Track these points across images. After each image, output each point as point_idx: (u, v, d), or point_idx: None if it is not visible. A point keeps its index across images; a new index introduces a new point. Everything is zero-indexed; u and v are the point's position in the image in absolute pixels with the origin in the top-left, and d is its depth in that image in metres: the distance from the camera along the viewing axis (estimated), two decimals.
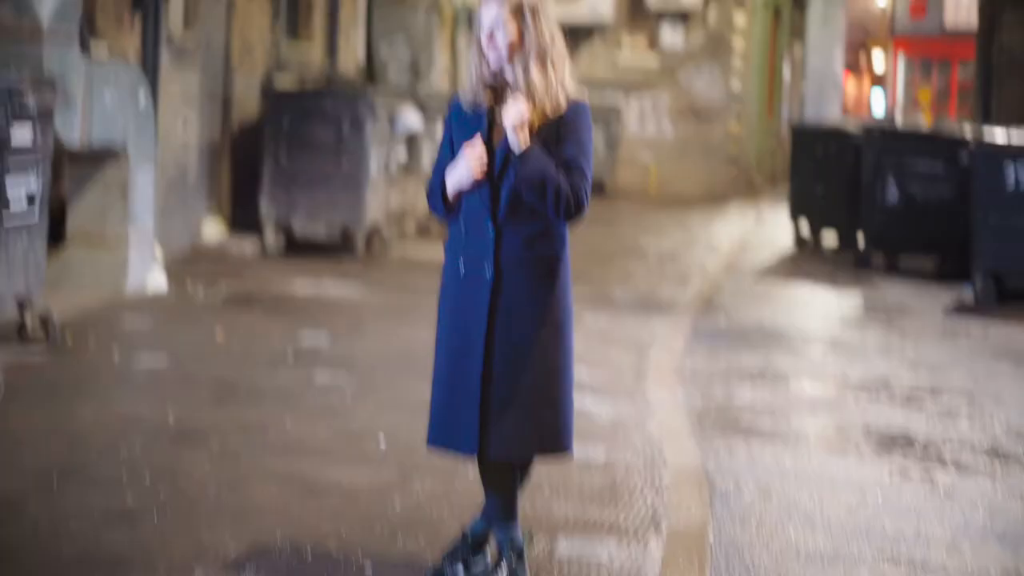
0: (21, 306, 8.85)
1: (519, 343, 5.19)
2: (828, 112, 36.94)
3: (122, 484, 6.35)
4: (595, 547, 5.95)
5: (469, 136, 5.22)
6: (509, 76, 5.19)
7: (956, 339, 12.26)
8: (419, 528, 6.01)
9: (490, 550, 5.44)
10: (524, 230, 5.19)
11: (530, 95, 5.14)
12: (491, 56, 5.17)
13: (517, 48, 5.15)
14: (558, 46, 5.22)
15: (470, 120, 5.25)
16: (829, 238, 18.65)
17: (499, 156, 5.17)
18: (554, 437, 5.28)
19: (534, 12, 5.17)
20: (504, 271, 5.19)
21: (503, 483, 5.33)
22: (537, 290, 5.22)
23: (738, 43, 26.61)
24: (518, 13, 5.15)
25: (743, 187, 27.07)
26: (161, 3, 12.80)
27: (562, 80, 5.19)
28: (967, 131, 16.97)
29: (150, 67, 12.60)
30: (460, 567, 5.35)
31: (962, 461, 8.04)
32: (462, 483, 6.63)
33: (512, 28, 5.14)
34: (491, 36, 5.16)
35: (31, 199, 8.61)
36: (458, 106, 5.31)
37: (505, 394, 5.18)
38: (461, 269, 5.25)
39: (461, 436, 5.24)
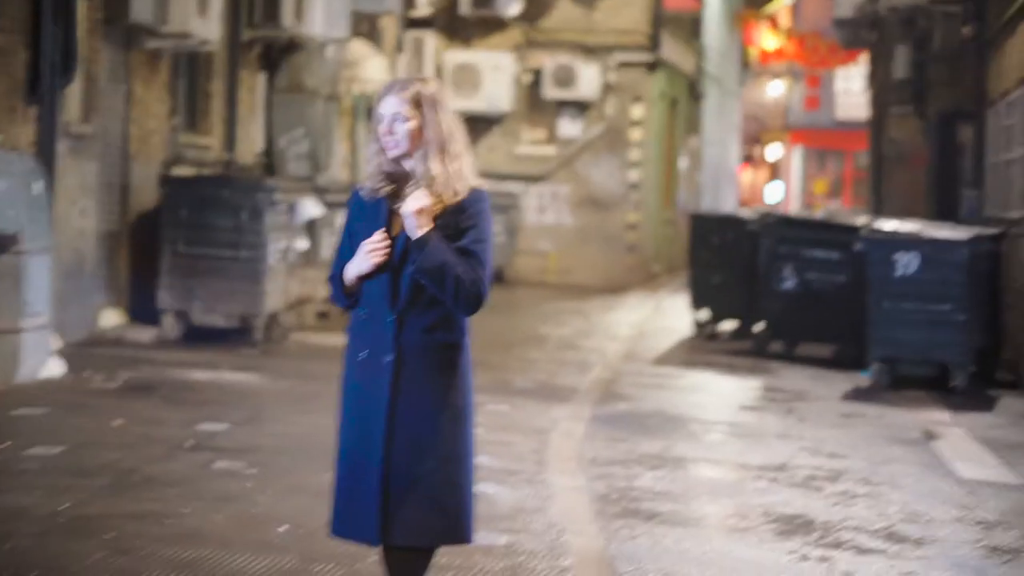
0: None
1: (419, 430, 5.17)
2: (725, 203, 37.48)
3: None
4: None
5: (369, 225, 5.23)
6: (408, 166, 5.20)
7: (853, 424, 12.38)
8: None
9: None
10: (424, 318, 5.19)
11: (430, 185, 5.16)
12: (390, 147, 5.19)
13: (416, 139, 5.17)
14: (457, 136, 5.24)
15: (370, 210, 5.26)
16: (729, 326, 18.80)
17: (399, 245, 5.18)
18: (455, 524, 5.25)
19: (433, 104, 5.19)
20: (405, 358, 5.18)
21: (407, 570, 5.28)
22: (437, 377, 5.20)
23: (635, 134, 26.91)
24: (417, 105, 5.17)
25: (642, 276, 27.27)
26: (58, 95, 12.74)
27: (461, 169, 5.21)
28: (860, 219, 17.24)
29: (46, 156, 12.53)
30: None
31: (859, 543, 8.10)
32: (364, 569, 6.57)
33: (412, 120, 5.16)
34: (390, 128, 5.17)
35: None
36: (358, 196, 5.32)
37: (405, 481, 5.15)
38: (362, 355, 5.24)
39: (362, 524, 5.20)
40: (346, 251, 5.30)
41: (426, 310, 5.18)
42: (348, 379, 5.30)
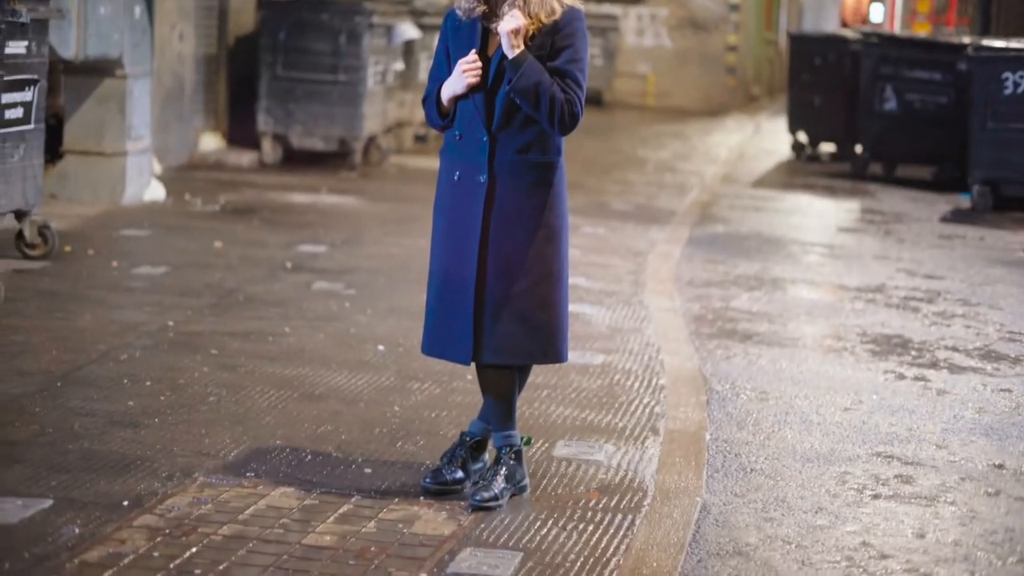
0: (19, 216, 8.87)
1: (513, 249, 5.21)
2: (826, 23, 36.77)
3: (123, 388, 6.41)
4: (593, 448, 6.01)
5: (464, 46, 5.22)
6: None
7: (952, 246, 12.29)
8: (417, 431, 6.07)
9: (489, 453, 5.49)
10: (518, 138, 5.20)
11: (525, 4, 5.13)
12: None
13: None
14: None
15: (465, 30, 5.25)
16: (828, 148, 18.62)
17: (494, 65, 5.18)
18: (548, 344, 5.31)
19: None
20: (499, 177, 5.21)
21: (500, 387, 5.37)
22: (531, 197, 5.23)
23: None
24: None
25: (741, 98, 27.00)
26: None
27: None
28: (966, 39, 16.90)
29: None
30: (458, 469, 5.40)
31: (955, 362, 8.10)
32: (460, 387, 6.68)
33: None
34: None
35: (27, 109, 8.59)
36: (453, 16, 5.31)
37: (500, 299, 5.21)
38: (456, 175, 5.27)
39: (455, 343, 5.28)
40: (441, 72, 5.31)
41: (520, 130, 5.20)
42: (441, 200, 5.34)
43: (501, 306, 5.22)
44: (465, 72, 5.16)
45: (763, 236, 12.35)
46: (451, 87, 5.21)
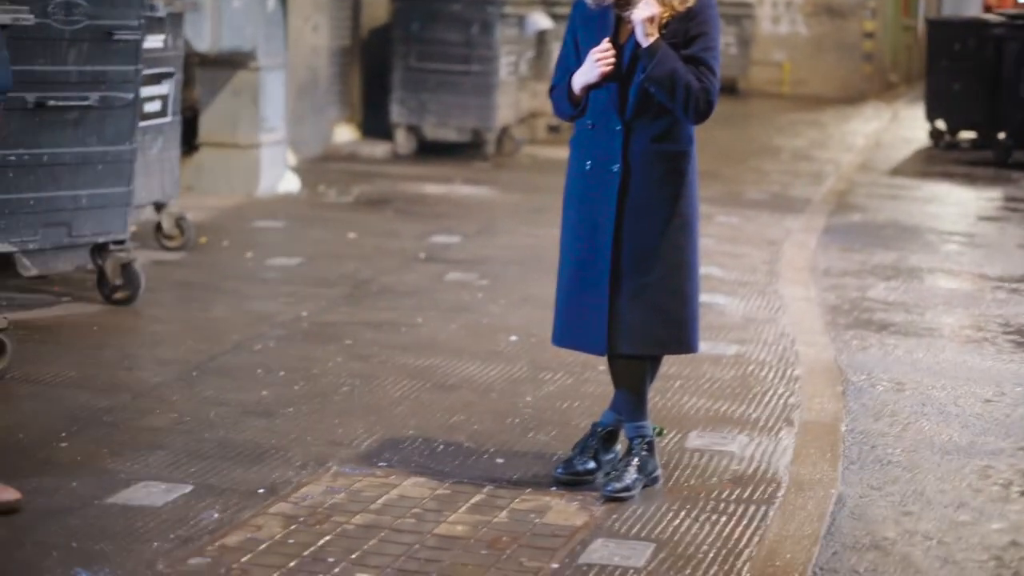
0: (158, 207, 8.99)
1: (646, 238, 5.17)
2: (968, 8, 36.08)
3: (257, 378, 6.46)
4: (726, 439, 5.94)
5: (595, 34, 5.18)
6: None
7: None
8: (550, 422, 6.04)
9: (620, 443, 5.45)
10: (651, 127, 5.16)
11: None
12: None
13: None
14: None
15: (595, 18, 5.21)
16: (967, 136, 18.28)
17: (627, 53, 5.13)
18: (681, 334, 5.27)
19: None
20: (632, 167, 5.17)
21: (633, 377, 5.33)
22: (665, 186, 5.18)
23: None
24: None
25: (879, 86, 26.61)
26: None
27: None
28: None
29: None
30: (590, 459, 5.37)
31: None
32: (592, 378, 6.64)
33: None
34: None
35: (164, 103, 8.71)
36: (583, 5, 5.27)
37: (633, 290, 5.17)
38: (588, 165, 5.23)
39: (588, 333, 5.24)
40: (569, 61, 5.28)
41: (654, 119, 5.15)
42: (572, 190, 5.31)
43: (635, 296, 5.18)
44: (599, 61, 5.11)
45: (900, 225, 12.15)
46: (584, 76, 5.17)
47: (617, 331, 5.20)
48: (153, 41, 8.28)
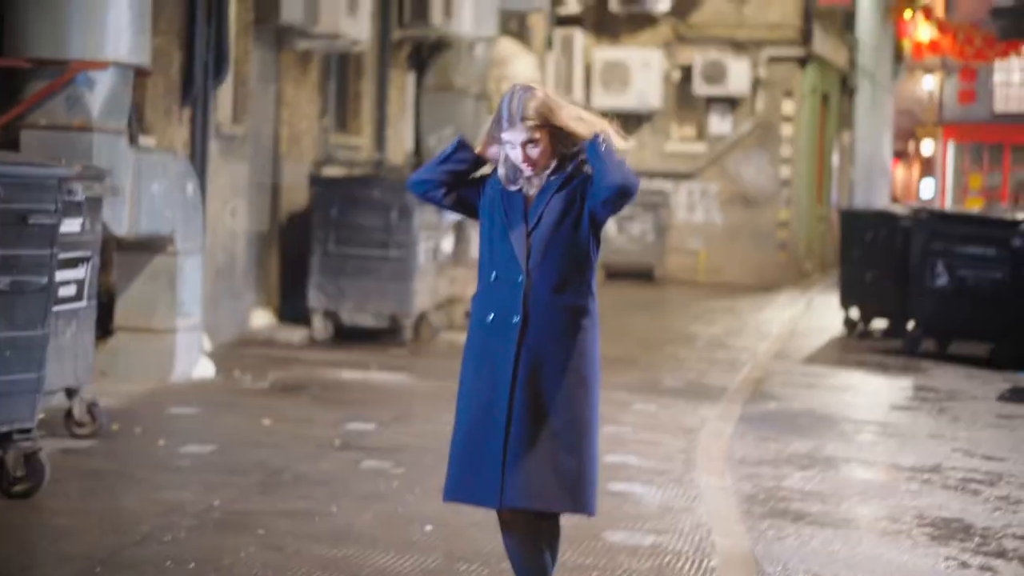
0: (69, 393, 8.87)
1: (544, 391, 5.18)
2: (877, 199, 36.91)
3: (166, 570, 6.31)
4: None
5: (510, 211, 5.26)
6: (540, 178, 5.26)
7: (1012, 426, 12.10)
8: None
9: None
10: (553, 278, 5.21)
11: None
12: (525, 169, 5.24)
13: (551, 151, 5.24)
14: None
15: (508, 198, 5.29)
16: (880, 324, 18.51)
17: (532, 209, 5.21)
18: (576, 492, 5.20)
19: (553, 112, 5.21)
20: (531, 319, 5.20)
21: (531, 553, 5.27)
22: (564, 338, 5.22)
23: (787, 130, 26.63)
24: (543, 121, 5.20)
25: (793, 274, 26.99)
26: (211, 96, 12.93)
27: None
28: (1020, 216, 16.85)
29: (199, 158, 12.73)
30: None
31: None
32: (508, 569, 6.54)
33: (541, 138, 5.21)
34: (526, 156, 5.21)
35: (80, 288, 8.64)
36: (496, 183, 5.35)
37: (527, 442, 5.14)
38: (489, 317, 5.25)
39: (483, 486, 5.18)
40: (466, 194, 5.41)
41: (555, 271, 5.21)
42: (472, 343, 5.34)
43: (529, 448, 5.14)
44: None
45: (816, 413, 12.22)
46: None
47: (511, 484, 5.14)
48: (70, 225, 8.24)
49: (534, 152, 5.22)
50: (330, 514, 7.51)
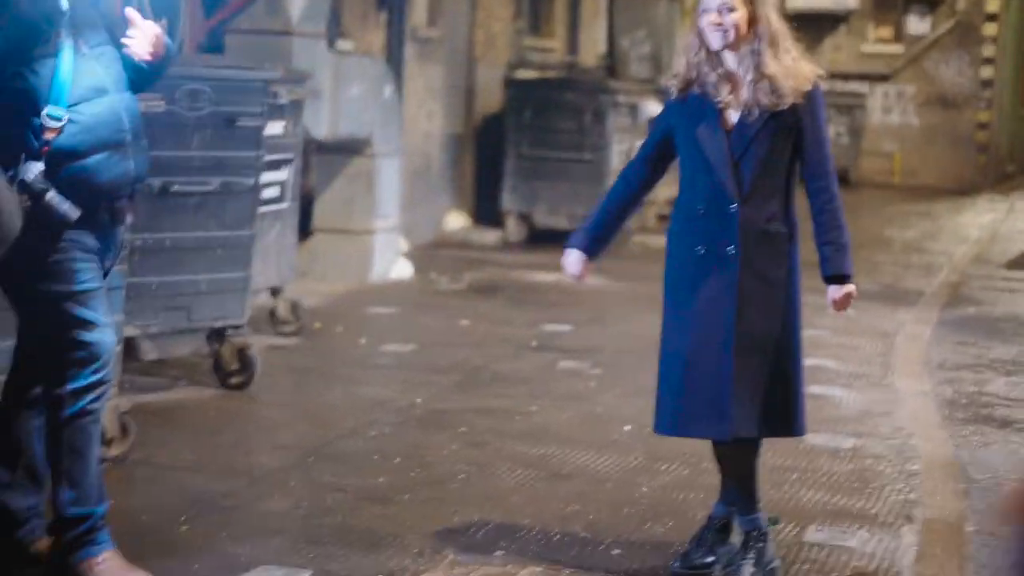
0: (273, 292, 9.07)
1: (757, 322, 5.14)
2: None
3: (374, 464, 6.48)
4: (845, 534, 5.85)
5: (697, 123, 5.16)
6: (731, 64, 5.12)
7: None
8: (666, 513, 5.99)
9: (736, 534, 5.38)
10: (763, 209, 5.15)
11: (767, 81, 5.07)
12: (717, 39, 5.10)
13: (745, 31, 5.09)
14: (785, 31, 5.15)
15: (696, 103, 5.18)
16: None
17: (737, 138, 5.11)
18: (790, 416, 5.22)
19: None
20: (743, 250, 5.14)
21: (743, 466, 5.28)
22: (775, 268, 5.17)
23: (989, 29, 25.89)
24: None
25: (994, 177, 26.35)
26: (406, 0, 13.00)
27: (797, 64, 5.12)
28: None
29: (395, 61, 12.83)
30: (708, 552, 5.31)
31: None
32: (708, 468, 6.54)
33: (740, 10, 5.08)
34: (719, 16, 5.09)
35: (283, 189, 8.81)
36: (678, 102, 5.25)
37: (747, 373, 5.13)
38: (700, 250, 5.19)
39: (711, 420, 5.16)
40: (653, 147, 5.35)
41: (765, 200, 5.14)
42: (681, 276, 5.26)
43: (749, 379, 5.13)
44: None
45: (1019, 318, 11.97)
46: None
47: (738, 414, 5.14)
48: (274, 128, 8.39)
49: (729, 19, 5.07)
50: (529, 413, 7.60)
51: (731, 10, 5.08)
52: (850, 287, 5.18)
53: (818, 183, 5.17)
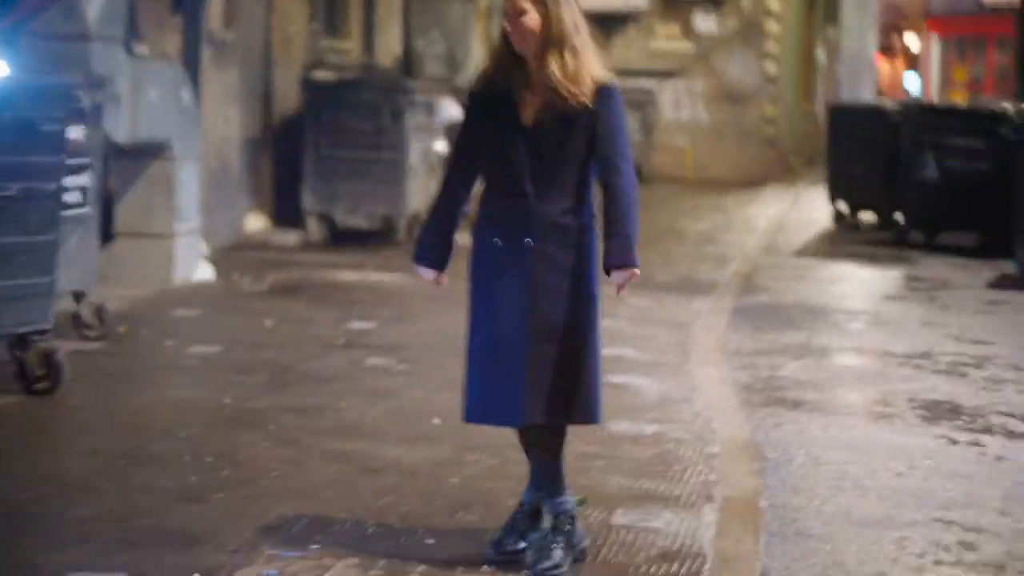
0: (76, 297, 9.01)
1: (556, 311, 5.31)
2: (863, 95, 36.88)
3: (185, 464, 6.50)
4: (650, 516, 6.06)
5: (497, 120, 5.32)
6: (528, 63, 5.29)
7: (1000, 312, 12.32)
8: (476, 502, 6.13)
9: (545, 519, 5.55)
10: (557, 202, 5.31)
11: (552, 81, 5.24)
12: (515, 41, 5.28)
13: (537, 33, 5.26)
14: (582, 33, 5.33)
15: (496, 100, 5.34)
16: (868, 217, 18.68)
17: (534, 135, 5.27)
18: (586, 404, 5.39)
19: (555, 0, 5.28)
20: (539, 242, 5.30)
21: (547, 451, 5.45)
22: (570, 259, 5.33)
23: (772, 27, 26.62)
24: (540, 1, 5.26)
25: (780, 170, 27.09)
26: (201, 2, 12.96)
27: (587, 66, 5.29)
28: (1007, 107, 16.99)
29: (192, 64, 12.78)
30: (519, 538, 5.47)
31: (1011, 428, 8.12)
32: (516, 458, 6.69)
33: (530, 12, 5.24)
34: (514, 18, 5.26)
35: (84, 194, 8.75)
36: (478, 95, 5.42)
37: (542, 362, 5.30)
38: (497, 241, 5.36)
39: (507, 408, 5.34)
40: (465, 146, 5.44)
41: (561, 193, 5.31)
42: (481, 268, 5.43)
43: (543, 368, 5.30)
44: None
45: (807, 305, 12.41)
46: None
47: (530, 403, 5.31)
48: (74, 132, 8.34)
49: (522, 22, 5.21)
50: (339, 410, 7.69)
51: (523, 13, 5.25)
52: (633, 270, 5.30)
53: (607, 178, 5.33)
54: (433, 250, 5.57)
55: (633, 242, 5.25)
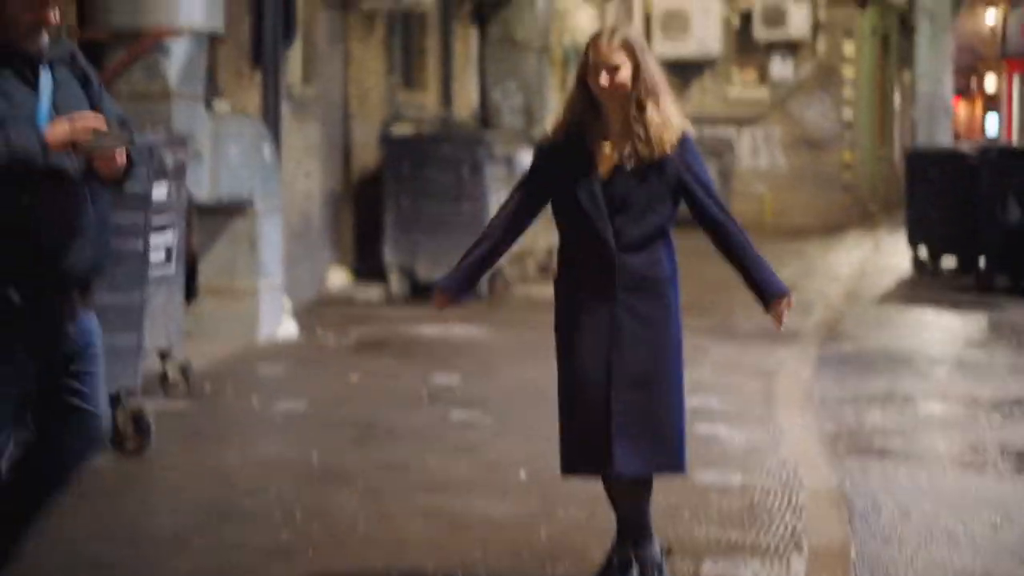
0: (162, 356, 9.10)
1: (641, 362, 5.33)
2: (939, 137, 36.63)
3: (275, 522, 6.54)
4: (738, 567, 6.03)
5: (574, 172, 5.34)
6: (611, 115, 5.32)
7: None
8: (565, 555, 6.13)
9: (633, 570, 5.54)
10: (639, 255, 5.34)
11: (647, 132, 5.27)
12: (604, 95, 5.30)
13: (629, 86, 5.29)
14: (663, 81, 5.37)
15: (570, 150, 5.37)
16: (949, 262, 18.52)
17: (614, 188, 5.31)
18: (672, 454, 5.42)
19: (642, 49, 5.32)
20: (625, 293, 5.32)
21: (634, 502, 5.46)
22: (653, 309, 5.37)
23: (848, 72, 26.55)
24: (629, 51, 5.29)
25: (858, 215, 26.94)
26: (280, 58, 13.10)
27: (672, 115, 5.33)
28: None
29: (272, 120, 12.90)
30: None
31: None
32: (604, 510, 6.70)
33: (624, 67, 5.28)
34: (609, 75, 5.28)
35: (168, 253, 8.85)
36: (549, 145, 5.44)
37: (629, 412, 5.32)
38: (579, 294, 5.39)
39: (594, 457, 5.39)
40: (529, 194, 5.48)
41: (642, 249, 5.34)
42: (565, 317, 5.47)
43: (629, 417, 5.31)
44: None
45: (891, 352, 12.32)
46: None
47: (619, 452, 5.32)
48: (158, 191, 8.44)
49: (617, 78, 5.25)
50: (426, 465, 7.71)
51: (617, 68, 5.28)
52: (789, 296, 5.38)
53: (721, 228, 5.37)
54: (454, 280, 5.55)
55: (773, 271, 5.27)
